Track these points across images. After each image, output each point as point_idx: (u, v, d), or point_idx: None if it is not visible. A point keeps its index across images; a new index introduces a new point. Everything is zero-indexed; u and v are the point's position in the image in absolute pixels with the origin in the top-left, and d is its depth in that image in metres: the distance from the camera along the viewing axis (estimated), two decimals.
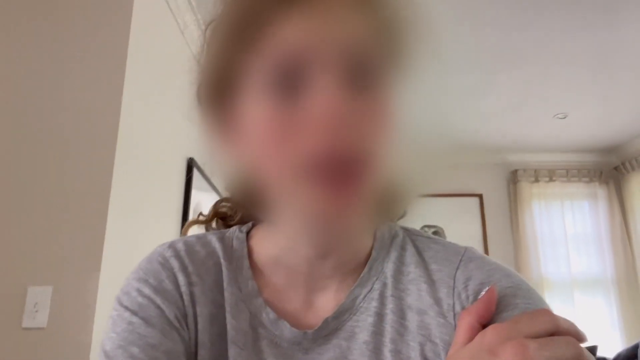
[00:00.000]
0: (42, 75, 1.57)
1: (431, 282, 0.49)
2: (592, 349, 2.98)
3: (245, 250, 0.54)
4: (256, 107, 0.44)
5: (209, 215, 0.61)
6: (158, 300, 0.48)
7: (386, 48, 0.45)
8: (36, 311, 1.37)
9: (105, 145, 1.51)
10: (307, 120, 0.41)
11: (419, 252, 0.52)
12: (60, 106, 1.55)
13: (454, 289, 0.48)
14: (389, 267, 0.51)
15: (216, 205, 0.61)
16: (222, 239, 0.54)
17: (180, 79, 0.54)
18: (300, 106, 0.42)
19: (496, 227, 4.22)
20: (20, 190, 1.47)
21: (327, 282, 0.51)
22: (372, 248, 0.52)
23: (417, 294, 0.49)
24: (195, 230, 0.61)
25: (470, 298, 0.46)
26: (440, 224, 3.65)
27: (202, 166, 2.41)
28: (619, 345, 3.62)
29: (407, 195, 0.56)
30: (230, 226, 0.59)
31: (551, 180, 4.31)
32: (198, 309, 0.49)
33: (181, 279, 0.50)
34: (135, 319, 0.47)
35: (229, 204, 0.60)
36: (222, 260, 0.52)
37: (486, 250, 4.12)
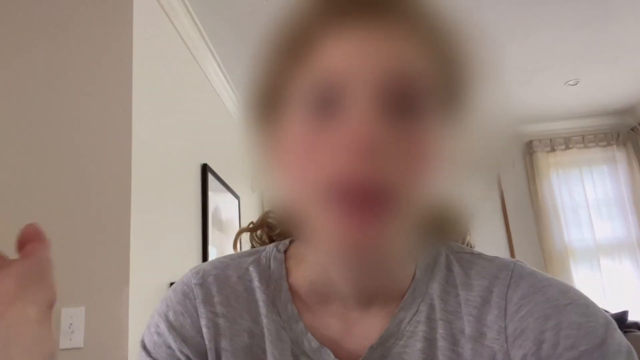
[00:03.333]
0: (50, 100, 1.59)
1: (481, 304, 0.45)
2: (623, 315, 2.94)
3: (284, 271, 0.50)
4: (292, 126, 0.43)
5: (256, 223, 0.60)
6: (170, 339, 0.47)
7: (440, 77, 0.42)
8: (72, 332, 1.40)
9: (120, 163, 1.54)
10: (336, 143, 0.39)
11: (465, 272, 0.48)
12: (75, 128, 1.57)
13: (505, 310, 0.44)
14: (435, 288, 0.47)
15: (265, 214, 0.60)
16: (257, 260, 0.52)
17: (187, 87, 0.54)
18: (333, 128, 0.39)
19: (515, 200, 4.18)
20: (42, 217, 1.50)
21: (367, 308, 0.47)
22: (415, 269, 0.48)
23: (467, 318, 0.45)
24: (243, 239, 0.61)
25: (528, 320, 0.43)
26: None
27: (220, 174, 2.44)
28: None
29: (460, 215, 0.53)
30: (272, 238, 0.58)
31: (567, 148, 4.25)
32: (223, 343, 0.47)
33: (203, 311, 0.48)
34: None
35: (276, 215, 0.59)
36: (257, 284, 0.50)
37: (507, 224, 4.11)
